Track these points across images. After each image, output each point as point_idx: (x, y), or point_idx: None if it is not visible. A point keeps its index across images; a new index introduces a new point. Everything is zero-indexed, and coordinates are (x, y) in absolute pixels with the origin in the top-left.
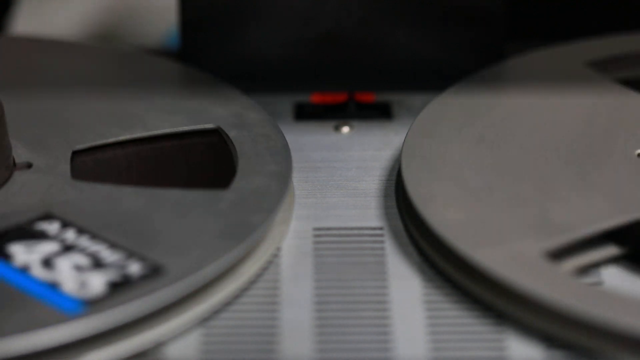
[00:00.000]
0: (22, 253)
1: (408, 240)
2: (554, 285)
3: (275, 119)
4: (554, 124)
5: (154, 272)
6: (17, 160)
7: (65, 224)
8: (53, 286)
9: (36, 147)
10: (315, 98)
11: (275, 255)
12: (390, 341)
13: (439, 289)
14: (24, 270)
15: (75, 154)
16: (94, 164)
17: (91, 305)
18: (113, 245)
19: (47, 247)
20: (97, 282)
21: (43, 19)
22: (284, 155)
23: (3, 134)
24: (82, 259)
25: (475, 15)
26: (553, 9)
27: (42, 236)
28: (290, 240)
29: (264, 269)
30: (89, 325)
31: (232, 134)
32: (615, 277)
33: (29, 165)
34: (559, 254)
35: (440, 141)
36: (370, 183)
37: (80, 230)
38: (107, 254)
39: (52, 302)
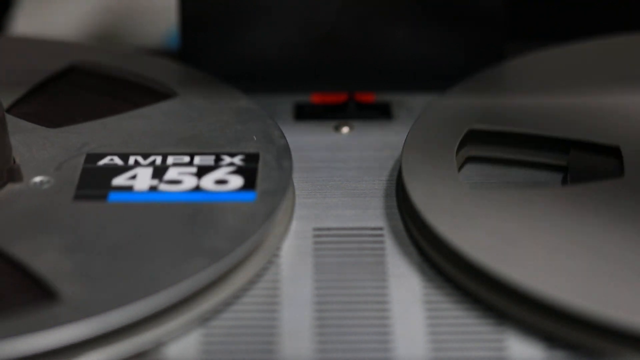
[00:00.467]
0: (132, 181)
1: (408, 240)
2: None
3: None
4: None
5: (252, 158)
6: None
7: (120, 155)
8: (203, 191)
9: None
10: (315, 98)
11: (275, 256)
12: (390, 341)
13: (439, 289)
14: (156, 190)
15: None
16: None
17: (257, 191)
18: (191, 154)
19: (143, 172)
20: (228, 177)
21: (43, 19)
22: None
23: (3, 134)
24: (186, 169)
25: (475, 15)
26: (553, 9)
27: (119, 170)
28: (290, 240)
29: (264, 269)
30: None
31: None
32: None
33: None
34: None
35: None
36: (370, 183)
37: (144, 155)
38: (198, 160)
39: (236, 200)
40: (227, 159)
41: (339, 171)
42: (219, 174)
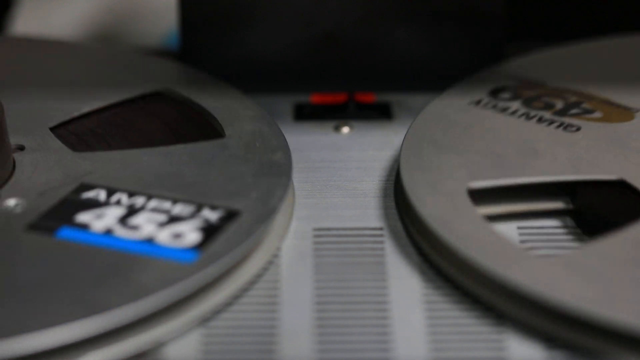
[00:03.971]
0: (95, 220)
1: (408, 240)
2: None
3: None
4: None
5: (230, 216)
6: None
7: (109, 190)
8: (152, 242)
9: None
10: (315, 98)
11: (275, 256)
12: (390, 341)
13: (438, 289)
14: (111, 234)
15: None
16: (76, 136)
17: (203, 252)
18: (175, 200)
19: (115, 212)
20: (188, 232)
21: (43, 19)
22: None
23: (3, 134)
24: (157, 216)
25: (475, 15)
26: (553, 9)
27: (96, 205)
28: (290, 240)
29: (264, 270)
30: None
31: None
32: None
33: (21, 148)
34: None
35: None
36: (370, 183)
37: (130, 194)
38: (178, 208)
39: (170, 257)
40: (205, 212)
41: (339, 171)
42: (183, 227)
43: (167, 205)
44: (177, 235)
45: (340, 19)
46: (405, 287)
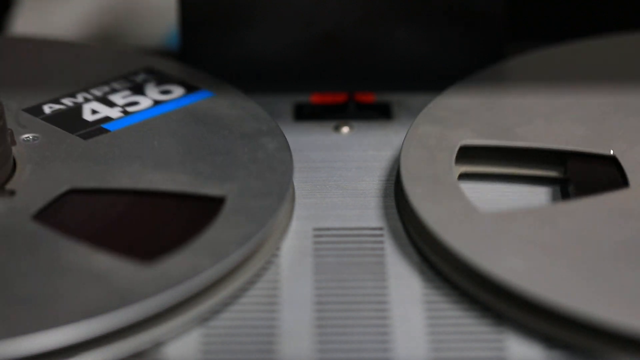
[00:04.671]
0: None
1: (407, 240)
2: None
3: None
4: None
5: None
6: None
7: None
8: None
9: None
10: (315, 98)
11: (275, 256)
12: (390, 341)
13: (438, 289)
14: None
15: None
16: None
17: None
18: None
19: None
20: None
21: (43, 19)
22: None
23: (3, 134)
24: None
25: (475, 15)
26: (553, 9)
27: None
28: (290, 240)
29: (264, 269)
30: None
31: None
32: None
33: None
34: None
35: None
36: (370, 183)
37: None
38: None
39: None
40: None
41: (339, 171)
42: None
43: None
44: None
45: (340, 19)
46: (405, 287)
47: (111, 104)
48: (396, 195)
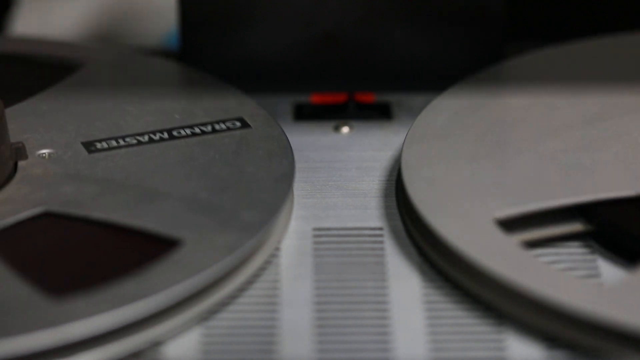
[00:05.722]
0: None
1: (408, 240)
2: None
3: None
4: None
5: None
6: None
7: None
8: None
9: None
10: (315, 98)
11: (275, 256)
12: (390, 341)
13: (439, 289)
14: None
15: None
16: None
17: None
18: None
19: None
20: None
21: (43, 19)
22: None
23: (3, 134)
24: None
25: (475, 15)
26: (553, 9)
27: None
28: (290, 240)
29: (264, 269)
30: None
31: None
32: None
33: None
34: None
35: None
36: (370, 183)
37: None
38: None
39: None
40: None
41: (338, 171)
42: None
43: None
44: None
45: (340, 19)
46: (405, 287)
47: None
48: (396, 195)
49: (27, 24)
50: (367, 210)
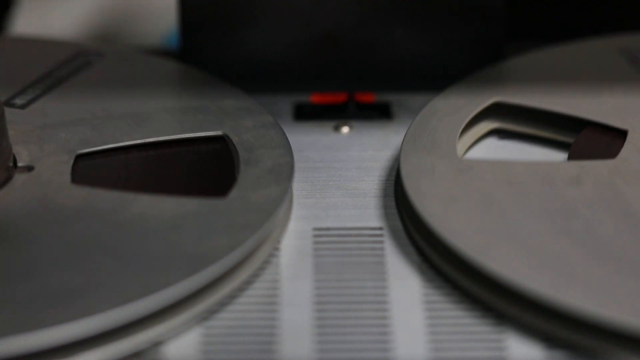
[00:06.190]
0: None
1: (407, 240)
2: None
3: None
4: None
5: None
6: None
7: None
8: None
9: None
10: (315, 98)
11: (275, 256)
12: (390, 341)
13: (438, 289)
14: None
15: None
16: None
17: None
18: None
19: None
20: None
21: (43, 19)
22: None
23: (3, 135)
24: None
25: (475, 15)
26: (553, 9)
27: None
28: (290, 240)
29: (264, 269)
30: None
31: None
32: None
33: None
34: None
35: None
36: (370, 183)
37: None
38: None
39: None
40: None
41: (338, 171)
42: None
43: None
44: None
45: (340, 19)
46: (405, 287)
47: None
48: (396, 195)
49: (27, 24)
50: (367, 210)
